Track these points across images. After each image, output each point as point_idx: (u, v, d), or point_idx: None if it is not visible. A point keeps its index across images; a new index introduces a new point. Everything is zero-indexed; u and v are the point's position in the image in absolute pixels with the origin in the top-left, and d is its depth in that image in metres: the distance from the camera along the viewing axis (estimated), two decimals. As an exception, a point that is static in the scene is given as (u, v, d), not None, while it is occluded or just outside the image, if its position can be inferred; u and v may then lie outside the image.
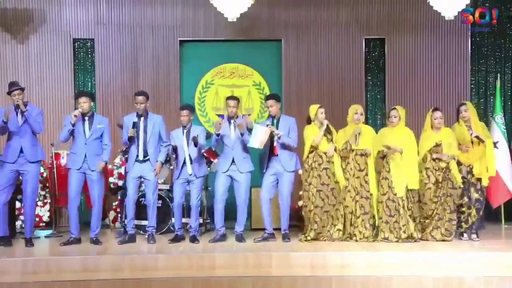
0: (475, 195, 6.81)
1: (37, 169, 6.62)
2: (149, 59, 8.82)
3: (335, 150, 6.77)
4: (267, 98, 7.01)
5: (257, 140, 6.61)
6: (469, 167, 6.83)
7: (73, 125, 6.55)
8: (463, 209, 6.83)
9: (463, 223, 6.85)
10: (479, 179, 6.79)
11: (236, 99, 6.95)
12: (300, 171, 6.96)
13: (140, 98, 6.78)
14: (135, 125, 6.72)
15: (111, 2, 8.79)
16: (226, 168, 6.80)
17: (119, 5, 8.80)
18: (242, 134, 6.71)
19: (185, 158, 6.75)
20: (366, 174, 6.76)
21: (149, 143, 6.77)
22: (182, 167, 6.77)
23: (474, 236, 6.82)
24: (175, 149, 6.74)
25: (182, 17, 8.84)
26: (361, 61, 8.92)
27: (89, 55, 8.92)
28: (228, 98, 6.99)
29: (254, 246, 6.56)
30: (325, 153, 6.73)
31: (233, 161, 6.77)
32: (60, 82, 8.71)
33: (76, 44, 8.89)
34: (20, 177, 6.70)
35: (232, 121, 6.85)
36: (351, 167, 6.79)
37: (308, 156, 6.80)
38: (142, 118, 6.80)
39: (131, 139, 6.74)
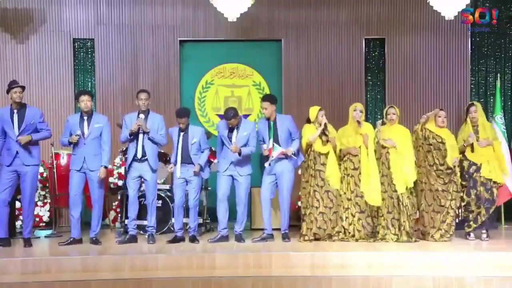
0: (485, 195, 6.78)
1: (35, 171, 6.58)
2: (149, 59, 8.82)
3: (334, 151, 6.78)
4: (263, 99, 6.98)
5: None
6: (477, 166, 6.81)
7: (71, 143, 6.58)
8: (471, 208, 6.81)
9: (471, 222, 6.82)
10: (490, 179, 6.78)
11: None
12: (300, 171, 6.97)
13: (144, 95, 6.78)
14: (138, 116, 6.70)
15: (111, 2, 8.78)
16: (225, 168, 6.79)
17: (119, 5, 8.80)
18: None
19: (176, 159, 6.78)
20: (360, 173, 6.75)
21: (147, 142, 6.73)
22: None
23: (484, 236, 6.79)
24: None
25: (182, 17, 8.83)
26: (361, 61, 8.91)
27: (89, 55, 8.92)
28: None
29: (254, 246, 6.57)
30: (320, 154, 6.72)
31: (231, 162, 6.78)
32: (60, 82, 8.70)
33: (76, 44, 8.88)
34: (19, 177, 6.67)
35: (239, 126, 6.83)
36: (346, 166, 6.80)
37: (306, 155, 6.82)
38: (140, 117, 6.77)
39: (132, 135, 6.71)
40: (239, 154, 6.66)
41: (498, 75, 8.77)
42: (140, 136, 6.74)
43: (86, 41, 8.90)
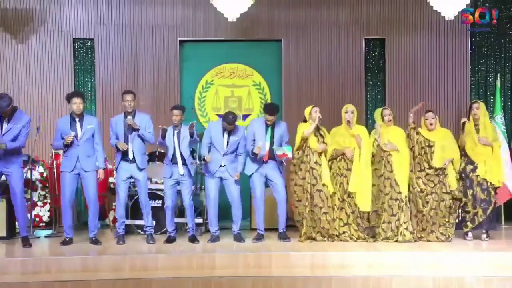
0: (481, 195, 6.76)
1: (17, 171, 6.47)
2: (149, 59, 8.82)
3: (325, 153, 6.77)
4: (269, 112, 6.80)
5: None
6: (474, 165, 6.80)
7: (65, 145, 6.51)
8: (468, 208, 6.81)
9: (468, 223, 6.81)
10: (486, 179, 6.76)
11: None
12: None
13: (129, 96, 6.72)
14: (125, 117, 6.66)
15: (111, 2, 8.78)
16: (215, 170, 6.78)
17: (119, 5, 8.80)
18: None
19: (172, 158, 6.74)
20: None
21: (134, 142, 6.69)
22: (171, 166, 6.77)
23: (484, 236, 6.79)
24: (164, 135, 6.67)
25: (182, 17, 8.83)
26: (361, 61, 8.91)
27: (89, 55, 8.92)
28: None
29: (254, 246, 6.57)
30: (314, 151, 6.67)
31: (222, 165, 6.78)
32: (60, 82, 8.71)
33: (76, 44, 8.89)
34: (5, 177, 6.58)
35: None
36: (339, 166, 6.79)
37: (298, 150, 6.76)
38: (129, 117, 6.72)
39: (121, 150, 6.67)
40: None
41: (498, 75, 8.76)
42: (130, 137, 6.68)
43: (86, 41, 8.90)
